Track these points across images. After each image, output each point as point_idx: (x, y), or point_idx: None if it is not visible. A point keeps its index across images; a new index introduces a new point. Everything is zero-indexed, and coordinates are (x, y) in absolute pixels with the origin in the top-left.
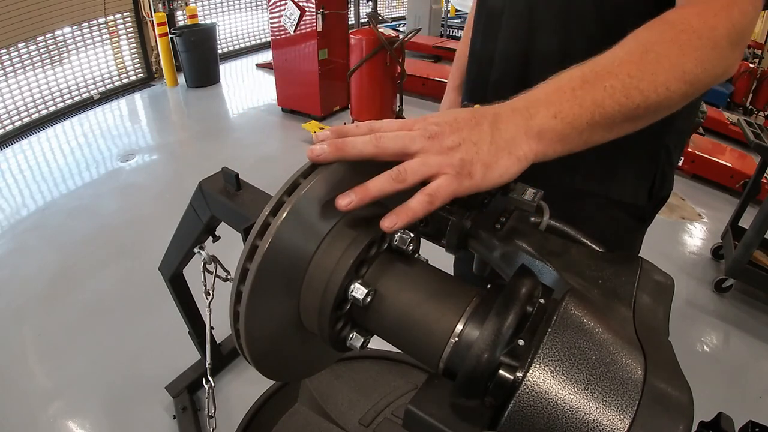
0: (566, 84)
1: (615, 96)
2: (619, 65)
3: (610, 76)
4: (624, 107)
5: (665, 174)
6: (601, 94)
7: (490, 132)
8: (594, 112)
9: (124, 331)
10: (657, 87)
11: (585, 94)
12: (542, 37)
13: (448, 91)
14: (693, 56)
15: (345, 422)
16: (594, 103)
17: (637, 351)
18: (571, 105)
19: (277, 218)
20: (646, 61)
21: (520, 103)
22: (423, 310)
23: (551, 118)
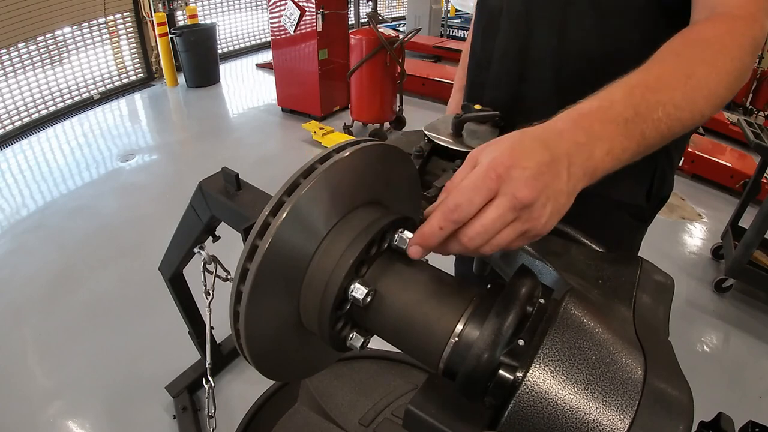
0: (620, 114)
1: (659, 128)
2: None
3: (659, 107)
4: (664, 138)
5: (665, 175)
6: (649, 127)
7: (567, 179)
8: (639, 144)
9: (124, 331)
10: (694, 115)
11: (635, 127)
12: (539, 37)
13: (454, 92)
14: (725, 81)
15: (345, 422)
16: (641, 135)
17: (637, 351)
18: (622, 140)
19: (277, 218)
20: (690, 87)
21: (581, 137)
22: (423, 310)
23: (605, 155)
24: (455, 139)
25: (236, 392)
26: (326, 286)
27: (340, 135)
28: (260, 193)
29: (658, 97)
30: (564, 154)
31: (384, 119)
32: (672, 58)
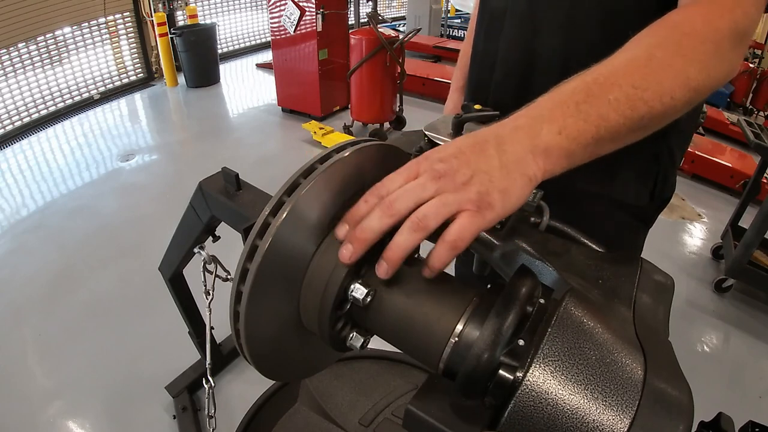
0: (569, 98)
1: (620, 108)
2: (623, 75)
3: (615, 88)
4: (629, 119)
5: (667, 175)
6: (606, 108)
7: (498, 156)
8: (599, 126)
9: (124, 331)
10: (662, 96)
11: (589, 108)
12: (544, 38)
13: (451, 92)
14: (697, 62)
15: (345, 422)
16: (599, 117)
17: (637, 351)
18: (575, 120)
19: (277, 218)
20: (651, 68)
21: (522, 121)
22: (423, 310)
23: (556, 134)
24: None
25: (236, 392)
26: (326, 286)
27: (340, 135)
28: (260, 193)
29: (613, 80)
30: (491, 136)
31: (384, 119)
32: (632, 46)
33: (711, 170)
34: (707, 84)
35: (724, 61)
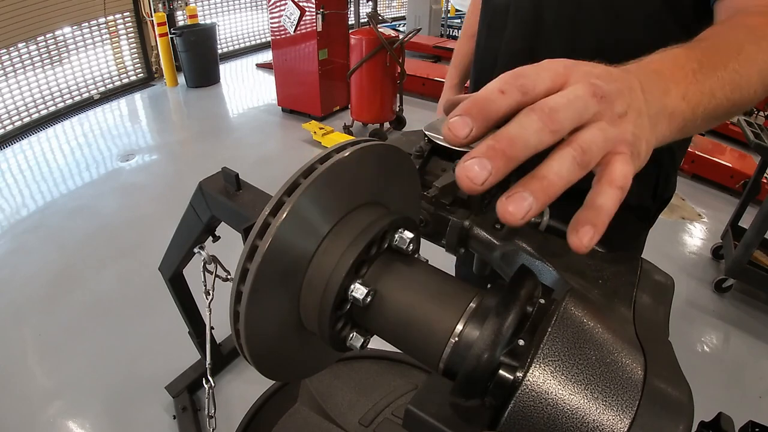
0: (686, 63)
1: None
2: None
3: (720, 66)
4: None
5: (669, 175)
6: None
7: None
8: (709, 102)
9: (124, 331)
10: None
11: (704, 79)
12: (548, 34)
13: (445, 90)
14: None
15: (345, 422)
16: (711, 91)
17: (637, 351)
18: (695, 89)
19: (277, 218)
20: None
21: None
22: (423, 310)
23: (681, 99)
24: None
25: (236, 392)
26: (326, 286)
27: (340, 135)
28: (260, 193)
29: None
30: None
31: (384, 119)
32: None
33: (711, 170)
34: None
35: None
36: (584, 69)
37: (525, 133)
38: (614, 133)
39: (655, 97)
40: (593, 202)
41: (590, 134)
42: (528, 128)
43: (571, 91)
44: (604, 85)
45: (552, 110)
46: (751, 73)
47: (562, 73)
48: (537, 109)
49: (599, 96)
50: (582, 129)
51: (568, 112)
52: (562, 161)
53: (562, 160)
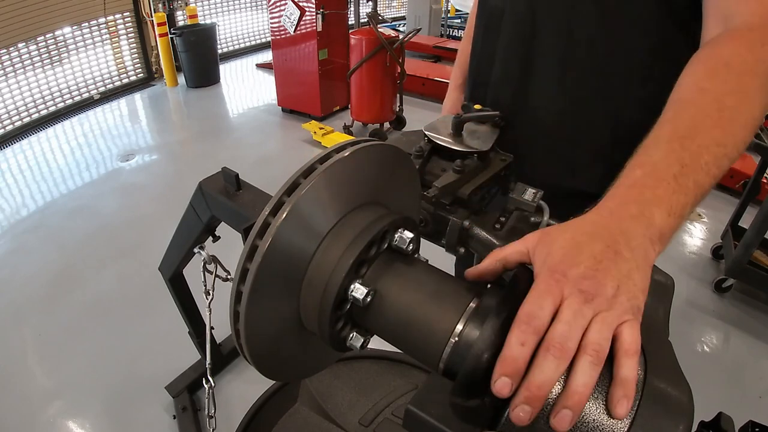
0: (666, 171)
1: (711, 171)
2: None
3: (703, 151)
4: (716, 178)
5: None
6: (701, 175)
7: (632, 257)
8: (696, 194)
9: (124, 331)
10: (737, 145)
11: (687, 180)
12: (543, 39)
13: (450, 90)
14: (757, 100)
15: (345, 422)
16: (696, 185)
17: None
18: (678, 196)
19: (277, 218)
20: (725, 120)
21: (633, 208)
22: (423, 310)
23: (666, 217)
24: (455, 139)
25: (236, 392)
26: (326, 286)
27: (340, 135)
28: (260, 193)
29: (699, 142)
30: (618, 234)
31: (384, 119)
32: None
33: None
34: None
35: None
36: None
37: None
38: (614, 315)
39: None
40: (619, 377)
41: (595, 334)
42: (547, 369)
43: (567, 313)
44: (592, 284)
45: (562, 344)
46: (735, 130)
47: (557, 292)
48: (550, 347)
49: (590, 299)
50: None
51: (573, 335)
52: (584, 371)
53: (584, 371)
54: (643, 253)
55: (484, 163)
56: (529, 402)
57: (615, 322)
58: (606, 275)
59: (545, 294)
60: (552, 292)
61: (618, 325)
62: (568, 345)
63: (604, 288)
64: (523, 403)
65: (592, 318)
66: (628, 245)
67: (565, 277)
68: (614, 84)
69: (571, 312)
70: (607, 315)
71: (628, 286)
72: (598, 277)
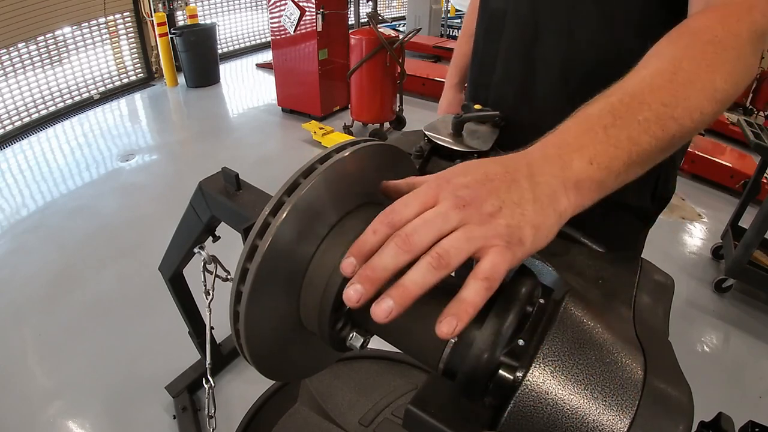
0: (597, 122)
1: (650, 129)
2: (650, 92)
3: (643, 107)
4: (660, 140)
5: (668, 175)
6: (636, 130)
7: (530, 188)
8: (630, 151)
9: (124, 331)
10: (692, 112)
11: (619, 132)
12: (545, 40)
13: (446, 89)
14: (722, 72)
15: (345, 422)
16: (629, 140)
17: (637, 351)
18: (605, 147)
19: (277, 218)
20: (678, 83)
21: (551, 150)
22: (422, 309)
23: (587, 164)
24: (455, 139)
25: (236, 392)
26: (326, 286)
27: (340, 135)
28: (260, 193)
29: (641, 98)
30: (523, 165)
31: (384, 119)
32: (654, 59)
33: (711, 170)
34: (733, 93)
35: (747, 66)
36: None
37: (384, 259)
38: (481, 231)
39: (551, 177)
40: (459, 295)
41: (448, 240)
42: (386, 254)
43: (432, 210)
44: (470, 193)
45: (407, 235)
46: (689, 94)
47: (432, 195)
48: (395, 235)
49: (462, 205)
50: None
51: (424, 230)
52: (418, 269)
53: (418, 269)
54: (549, 191)
55: None
56: (361, 281)
57: (479, 240)
58: (491, 192)
59: (418, 194)
60: (426, 193)
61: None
62: (413, 238)
63: (483, 202)
64: (357, 282)
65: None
66: (530, 177)
67: (447, 183)
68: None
69: (434, 212)
70: (473, 228)
71: (513, 212)
72: (480, 191)
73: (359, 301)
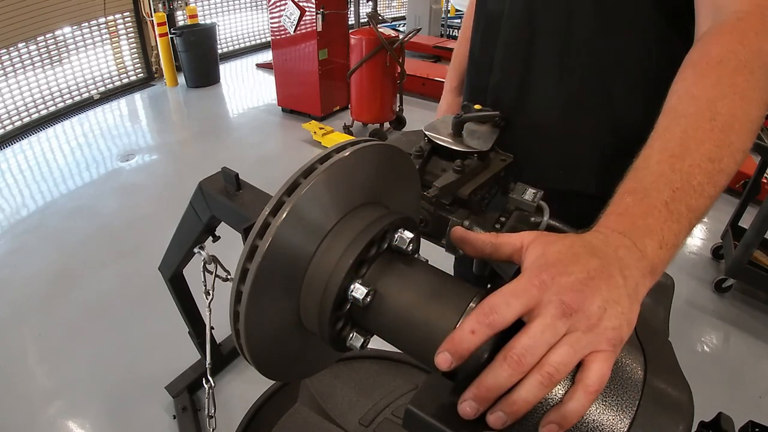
0: (657, 197)
1: (705, 191)
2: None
3: (695, 171)
4: (713, 198)
5: None
6: (694, 198)
7: (624, 283)
8: (691, 220)
9: (124, 331)
10: (735, 155)
11: (679, 206)
12: (542, 42)
13: (445, 92)
14: (755, 99)
15: (345, 422)
16: (689, 209)
17: (637, 351)
18: (670, 224)
19: (277, 218)
20: (718, 131)
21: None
22: (423, 310)
23: (658, 249)
24: (455, 139)
25: (236, 392)
26: (326, 286)
27: (340, 135)
28: (260, 193)
29: (690, 161)
30: (614, 258)
31: (384, 119)
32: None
33: None
34: (764, 110)
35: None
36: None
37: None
38: (589, 340)
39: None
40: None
41: (559, 355)
42: (501, 378)
43: (538, 325)
44: (576, 298)
45: (520, 358)
46: (730, 139)
47: (536, 297)
48: (507, 357)
49: (569, 314)
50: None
51: (536, 351)
52: (530, 388)
53: (531, 387)
54: (634, 284)
55: (484, 163)
56: (476, 399)
57: (587, 348)
58: (595, 293)
59: (521, 292)
60: (529, 292)
61: (591, 353)
62: (526, 359)
63: (589, 306)
64: (471, 399)
65: (564, 335)
66: (621, 272)
67: (551, 281)
68: (613, 85)
69: (542, 325)
70: (581, 337)
71: (616, 312)
72: (586, 293)
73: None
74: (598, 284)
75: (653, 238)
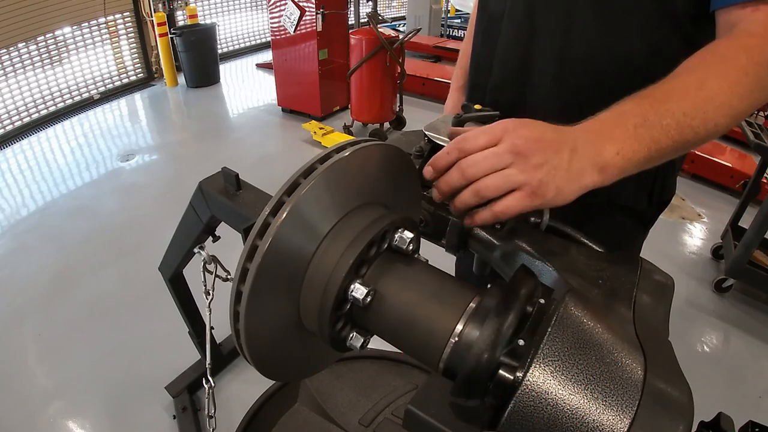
0: (629, 119)
1: (670, 133)
2: (676, 101)
3: (668, 114)
4: (677, 143)
5: (666, 178)
6: (659, 132)
7: (569, 159)
8: (651, 148)
9: (124, 331)
10: (707, 123)
11: (645, 132)
12: (541, 42)
13: (451, 91)
14: (739, 94)
15: (345, 422)
16: (651, 140)
17: (637, 351)
18: (631, 142)
19: (277, 218)
20: (700, 98)
21: (591, 136)
22: (423, 310)
23: (615, 154)
24: None
25: (236, 392)
26: (326, 286)
27: (340, 135)
28: (260, 193)
29: (667, 107)
30: (570, 139)
31: (384, 119)
32: (685, 73)
33: (711, 170)
34: (747, 111)
35: (763, 90)
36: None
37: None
38: (518, 179)
39: (585, 157)
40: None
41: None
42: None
43: (489, 151)
44: (526, 145)
45: (466, 168)
46: (707, 108)
47: (498, 136)
48: (458, 165)
49: (515, 152)
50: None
51: (481, 165)
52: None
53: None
54: (579, 167)
55: None
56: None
57: (514, 185)
58: (540, 151)
59: (488, 131)
60: (495, 132)
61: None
62: (470, 170)
63: (532, 156)
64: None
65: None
66: (572, 152)
67: (513, 131)
68: (612, 85)
69: (492, 153)
70: (514, 173)
71: (551, 172)
72: (533, 147)
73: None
74: (546, 147)
75: (614, 144)
